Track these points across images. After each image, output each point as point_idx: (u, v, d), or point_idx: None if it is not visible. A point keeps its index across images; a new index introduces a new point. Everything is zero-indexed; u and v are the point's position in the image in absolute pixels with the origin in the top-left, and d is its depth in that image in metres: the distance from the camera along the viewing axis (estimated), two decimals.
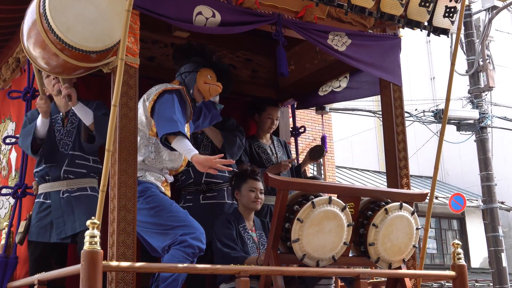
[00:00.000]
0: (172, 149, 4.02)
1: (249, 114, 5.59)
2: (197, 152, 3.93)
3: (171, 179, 4.37)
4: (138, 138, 4.12)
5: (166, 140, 3.97)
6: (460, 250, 4.31)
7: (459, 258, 4.29)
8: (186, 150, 3.93)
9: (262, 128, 5.50)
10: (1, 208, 5.03)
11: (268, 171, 5.21)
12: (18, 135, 4.61)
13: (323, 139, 6.07)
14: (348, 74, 5.56)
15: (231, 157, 5.00)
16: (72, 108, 4.28)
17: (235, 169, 4.95)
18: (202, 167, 3.87)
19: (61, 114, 4.43)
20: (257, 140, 5.49)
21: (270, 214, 5.09)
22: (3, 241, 4.46)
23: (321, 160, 5.42)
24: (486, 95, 13.70)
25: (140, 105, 4.18)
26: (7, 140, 4.77)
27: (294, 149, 6.15)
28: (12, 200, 4.58)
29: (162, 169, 4.26)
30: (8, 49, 5.38)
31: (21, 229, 4.34)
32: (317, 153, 5.65)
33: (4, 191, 4.59)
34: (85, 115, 4.26)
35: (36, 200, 4.37)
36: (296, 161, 5.83)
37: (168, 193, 4.29)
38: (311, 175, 10.99)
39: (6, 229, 4.48)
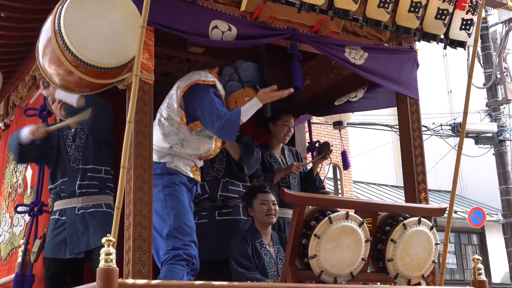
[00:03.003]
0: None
1: (262, 124, 5.54)
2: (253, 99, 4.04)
3: (200, 163, 4.32)
4: (167, 124, 4.13)
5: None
6: (480, 265, 4.24)
7: (480, 274, 4.22)
8: (249, 109, 4.02)
9: (277, 137, 5.43)
10: (16, 225, 5.04)
11: (277, 174, 5.20)
12: None
13: (344, 154, 6.03)
14: (366, 87, 5.52)
15: (248, 169, 4.97)
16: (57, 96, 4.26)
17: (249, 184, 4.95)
18: (266, 98, 4.06)
19: (72, 130, 4.43)
20: (269, 149, 5.43)
21: (285, 227, 5.06)
22: (19, 259, 4.47)
23: (338, 174, 5.32)
24: (504, 108, 13.64)
25: (173, 92, 4.20)
26: None
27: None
28: (27, 218, 4.58)
29: (191, 155, 4.24)
30: (25, 67, 5.42)
31: (35, 248, 4.34)
32: (324, 149, 5.57)
33: (20, 208, 4.59)
34: (70, 98, 4.20)
35: (52, 217, 4.37)
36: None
37: (198, 177, 4.27)
38: (327, 189, 10.93)
39: (23, 247, 4.48)
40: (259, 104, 4.04)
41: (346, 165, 6.14)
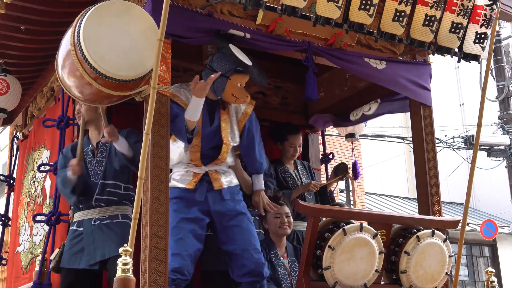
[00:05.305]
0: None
1: (272, 140, 5.56)
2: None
3: (202, 170, 4.21)
4: None
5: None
6: (494, 278, 4.25)
7: (493, 287, 4.23)
8: (192, 108, 3.90)
9: (285, 155, 5.45)
10: (36, 235, 5.09)
11: (295, 192, 5.21)
12: (52, 163, 4.67)
13: (355, 165, 6.05)
14: (379, 100, 5.53)
15: None
16: (114, 144, 4.27)
17: None
18: (200, 91, 3.89)
19: (91, 146, 4.45)
20: (282, 164, 5.44)
21: (297, 240, 5.07)
22: (37, 268, 4.51)
23: (351, 185, 5.34)
24: None
25: None
26: (42, 168, 4.83)
27: (324, 176, 6.12)
28: (46, 227, 4.62)
29: (179, 163, 4.20)
30: (43, 79, 5.49)
31: (52, 256, 4.38)
32: (341, 170, 5.60)
33: (38, 218, 4.64)
34: (126, 149, 4.24)
35: (71, 227, 4.41)
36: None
37: (189, 187, 4.15)
38: (340, 201, 10.93)
39: (40, 256, 4.53)
40: (197, 99, 3.92)
41: (355, 175, 6.15)
